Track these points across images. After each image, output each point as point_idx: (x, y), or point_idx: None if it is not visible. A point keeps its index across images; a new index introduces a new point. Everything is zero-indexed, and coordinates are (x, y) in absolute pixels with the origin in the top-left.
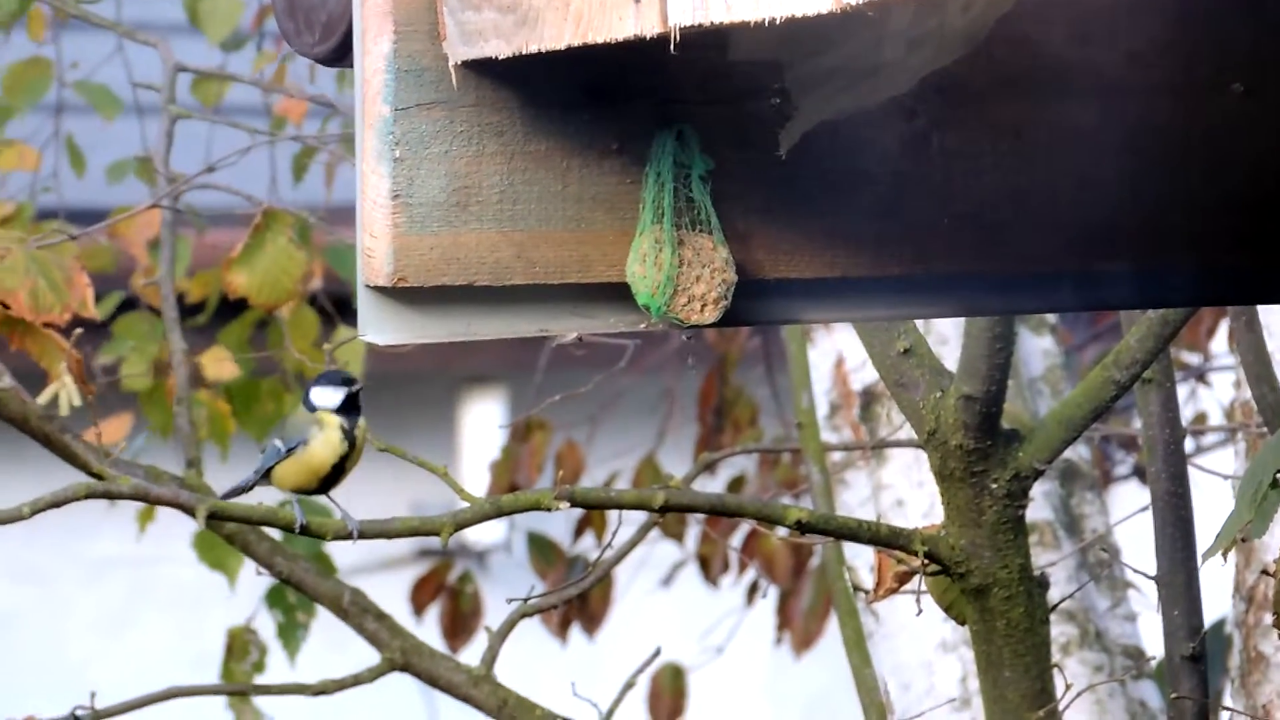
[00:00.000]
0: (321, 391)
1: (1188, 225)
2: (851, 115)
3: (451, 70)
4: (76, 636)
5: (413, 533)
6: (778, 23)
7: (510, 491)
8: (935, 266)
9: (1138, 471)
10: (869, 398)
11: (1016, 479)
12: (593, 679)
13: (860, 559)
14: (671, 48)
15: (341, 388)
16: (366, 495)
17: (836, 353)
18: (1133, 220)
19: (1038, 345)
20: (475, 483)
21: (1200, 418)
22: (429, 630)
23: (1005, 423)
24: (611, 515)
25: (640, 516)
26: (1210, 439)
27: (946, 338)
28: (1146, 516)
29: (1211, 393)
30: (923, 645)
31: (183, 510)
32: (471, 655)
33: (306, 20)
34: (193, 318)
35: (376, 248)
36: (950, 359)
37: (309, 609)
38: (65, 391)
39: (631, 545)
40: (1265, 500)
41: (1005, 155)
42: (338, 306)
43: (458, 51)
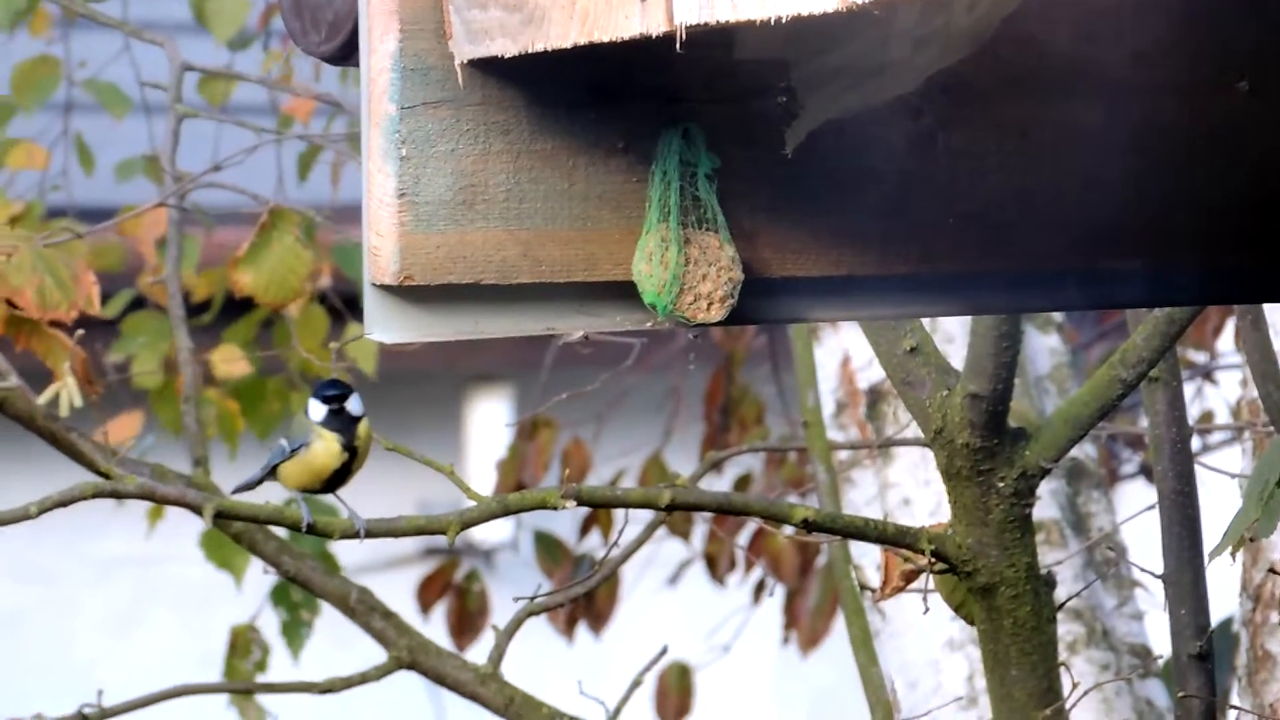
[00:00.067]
0: (312, 405)
1: (1193, 224)
2: (857, 114)
3: (457, 69)
4: (83, 636)
5: (419, 531)
6: (784, 21)
7: (517, 490)
8: (941, 265)
9: (1144, 470)
10: (875, 396)
11: (1023, 477)
12: (599, 677)
13: (867, 558)
14: (677, 46)
15: (323, 405)
16: (373, 494)
17: (843, 351)
18: (1138, 219)
19: (1044, 344)
20: (482, 481)
21: (1207, 416)
22: (436, 629)
23: (1012, 421)
24: (618, 514)
25: (647, 515)
26: (1217, 437)
27: (953, 336)
28: (1153, 515)
29: (1218, 391)
30: (929, 644)
31: (189, 509)
32: (478, 654)
33: (313, 19)
34: (199, 316)
35: (383, 246)
36: (957, 357)
37: (313, 607)
38: (66, 391)
39: (638, 544)
40: (1272, 499)
41: (1011, 155)
42: (348, 304)
43: (464, 50)
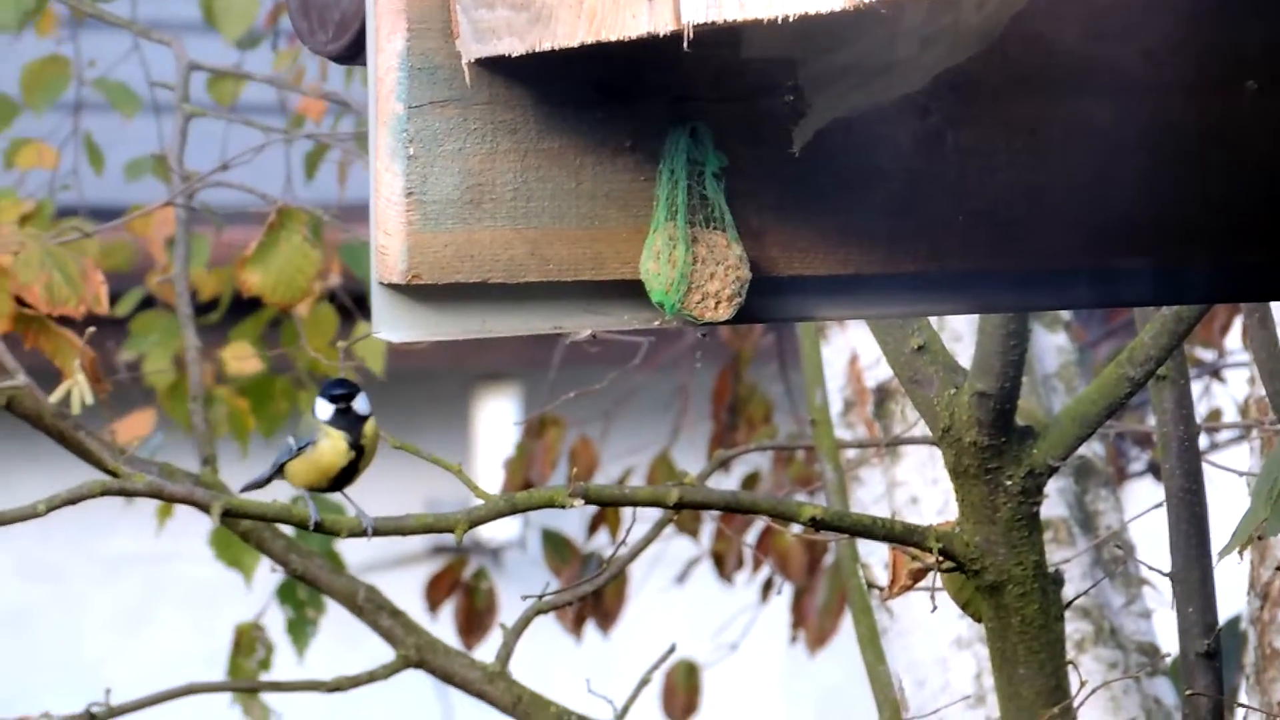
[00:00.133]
0: (319, 404)
1: (1201, 222)
2: (865, 113)
3: (465, 68)
4: (92, 634)
5: (427, 530)
6: (791, 20)
7: (524, 488)
8: (949, 264)
9: (1152, 468)
10: (883, 395)
11: (1031, 476)
12: (607, 676)
13: (874, 556)
14: (685, 45)
15: (330, 404)
16: (381, 492)
17: (850, 350)
18: (1147, 217)
19: (1052, 342)
20: (489, 480)
21: (1215, 414)
22: (444, 627)
23: (1019, 419)
24: (626, 512)
25: (654, 513)
26: (1225, 435)
27: (960, 334)
28: (1161, 513)
29: (1226, 389)
30: (937, 642)
31: (197, 507)
32: (486, 652)
33: (320, 18)
34: (207, 315)
35: (390, 245)
36: (964, 356)
37: (319, 605)
38: (77, 389)
39: (646, 542)
40: None
41: (1020, 153)
42: (357, 303)
43: (471, 49)
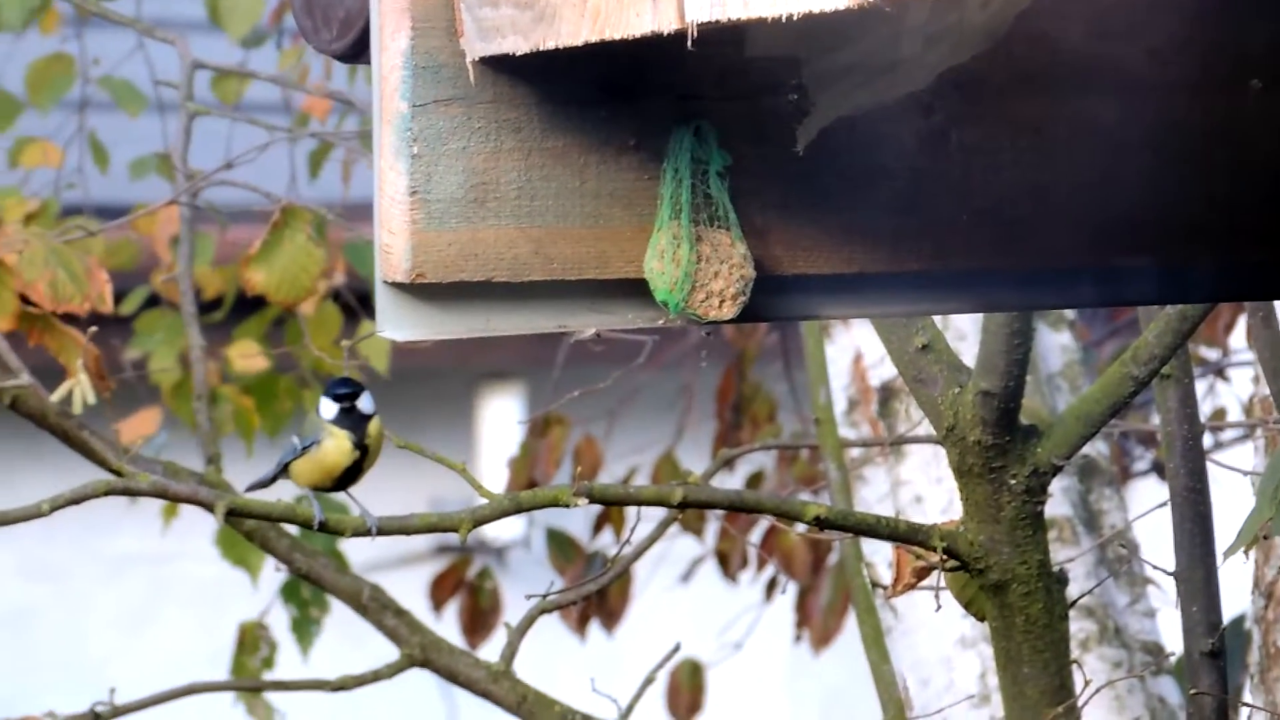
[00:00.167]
0: (324, 404)
1: (1207, 221)
2: (869, 111)
3: (469, 66)
4: (96, 633)
5: (431, 529)
6: (795, 19)
7: (529, 487)
8: (954, 262)
9: (1156, 467)
10: (887, 394)
11: (1035, 475)
12: (612, 675)
13: (879, 555)
14: (689, 44)
15: (335, 403)
16: (385, 491)
17: (854, 349)
18: (1152, 216)
19: (1056, 341)
20: (494, 479)
21: (1219, 413)
22: (448, 626)
23: (1023, 418)
24: (630, 511)
25: (659, 513)
26: (1229, 435)
27: (965, 333)
28: (1165, 512)
29: (1230, 388)
30: (941, 641)
31: (201, 507)
32: (491, 651)
33: (324, 17)
34: (211, 313)
35: (394, 244)
36: (968, 355)
37: (323, 604)
38: (80, 388)
39: (650, 541)
40: None
41: (1025, 151)
42: (361, 302)
43: (475, 48)
